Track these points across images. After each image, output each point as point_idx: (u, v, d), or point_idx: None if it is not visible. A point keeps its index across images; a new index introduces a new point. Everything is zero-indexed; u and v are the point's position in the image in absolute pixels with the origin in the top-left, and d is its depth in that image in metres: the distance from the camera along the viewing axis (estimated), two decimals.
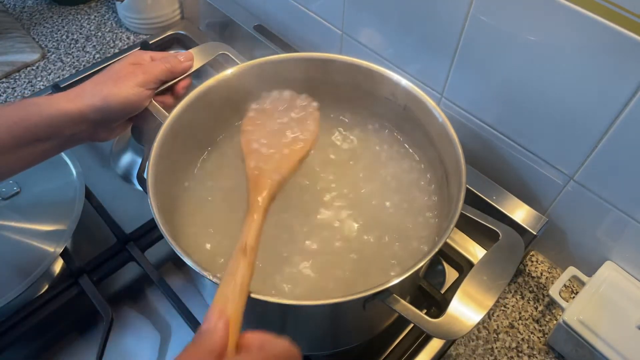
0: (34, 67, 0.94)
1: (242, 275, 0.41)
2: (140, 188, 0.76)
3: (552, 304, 0.67)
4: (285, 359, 0.38)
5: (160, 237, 0.50)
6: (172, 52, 0.97)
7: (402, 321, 0.52)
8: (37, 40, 0.99)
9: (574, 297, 0.65)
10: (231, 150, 0.64)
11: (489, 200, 0.67)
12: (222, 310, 0.39)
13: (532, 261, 0.72)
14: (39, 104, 0.52)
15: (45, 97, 0.54)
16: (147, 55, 0.60)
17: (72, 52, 0.97)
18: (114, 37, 1.01)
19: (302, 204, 0.58)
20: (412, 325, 0.58)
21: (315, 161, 0.62)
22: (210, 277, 0.42)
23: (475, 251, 0.70)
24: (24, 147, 0.52)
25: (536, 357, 0.63)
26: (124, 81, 0.56)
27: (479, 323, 0.54)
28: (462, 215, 0.48)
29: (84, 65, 0.95)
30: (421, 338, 0.61)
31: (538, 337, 0.64)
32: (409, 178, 0.61)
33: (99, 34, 1.02)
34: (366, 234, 0.56)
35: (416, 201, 0.59)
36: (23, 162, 0.53)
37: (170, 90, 0.61)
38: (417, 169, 0.62)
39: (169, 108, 0.58)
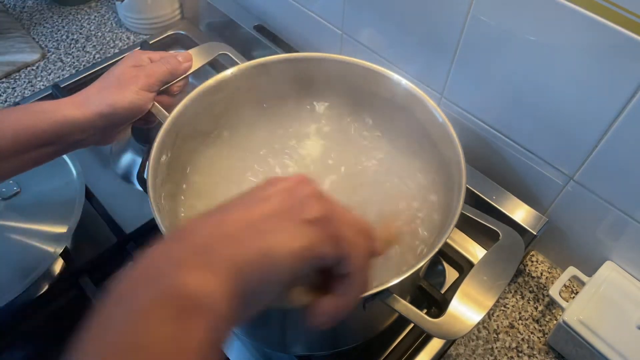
0: (34, 67, 0.94)
1: None
2: (140, 188, 0.76)
3: (552, 304, 0.67)
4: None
5: (161, 237, 0.50)
6: (171, 52, 0.97)
7: (402, 321, 0.52)
8: (37, 40, 0.99)
9: (574, 297, 0.65)
10: (230, 150, 0.64)
11: (489, 200, 0.67)
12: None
13: (532, 261, 0.72)
14: (46, 110, 0.52)
15: (52, 103, 0.53)
16: (145, 56, 0.60)
17: (72, 52, 0.97)
18: (114, 37, 1.01)
19: None
20: (412, 325, 0.58)
21: (313, 162, 0.62)
22: None
23: (475, 251, 0.70)
24: (27, 152, 0.51)
25: (536, 357, 0.63)
26: (128, 86, 0.56)
27: (479, 323, 0.54)
28: (462, 215, 0.48)
29: (84, 65, 0.95)
30: (421, 338, 0.61)
31: (538, 337, 0.64)
32: (408, 178, 0.61)
33: (99, 34, 1.02)
34: None
35: (416, 201, 0.59)
36: (25, 166, 0.53)
37: (166, 90, 0.61)
38: (417, 168, 0.62)
39: (166, 107, 0.58)
